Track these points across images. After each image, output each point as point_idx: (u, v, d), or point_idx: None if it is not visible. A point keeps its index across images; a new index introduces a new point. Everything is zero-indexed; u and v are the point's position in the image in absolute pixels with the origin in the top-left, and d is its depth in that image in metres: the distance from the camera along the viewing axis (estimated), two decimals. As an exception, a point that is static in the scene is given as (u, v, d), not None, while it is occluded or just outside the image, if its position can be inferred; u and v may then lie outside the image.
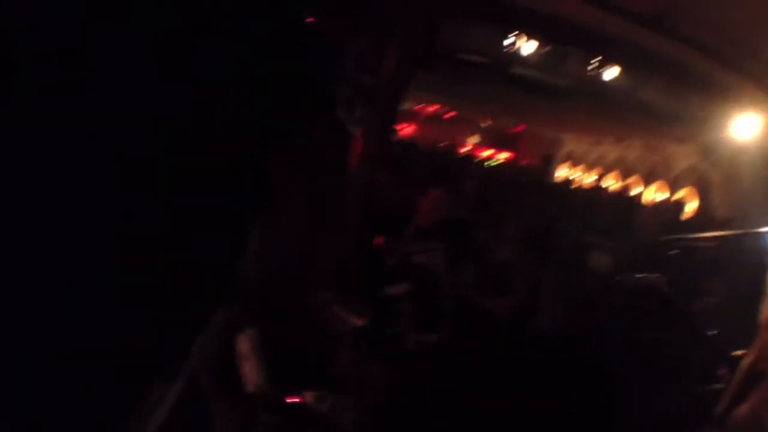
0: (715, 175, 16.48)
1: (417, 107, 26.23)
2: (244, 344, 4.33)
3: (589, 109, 15.56)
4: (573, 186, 20.09)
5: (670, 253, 7.78)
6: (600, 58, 9.55)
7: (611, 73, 9.95)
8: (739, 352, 6.24)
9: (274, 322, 5.09)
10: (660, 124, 14.49)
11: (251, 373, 4.31)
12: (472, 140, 30.35)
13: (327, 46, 5.79)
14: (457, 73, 13.25)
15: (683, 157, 18.31)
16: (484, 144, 30.39)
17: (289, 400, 4.67)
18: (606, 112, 15.10)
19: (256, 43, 4.92)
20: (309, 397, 4.70)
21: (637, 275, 7.58)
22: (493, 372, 6.98)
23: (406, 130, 28.47)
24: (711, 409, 4.58)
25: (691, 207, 17.37)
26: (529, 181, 14.00)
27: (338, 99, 5.90)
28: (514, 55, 9.73)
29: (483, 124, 28.39)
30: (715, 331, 6.76)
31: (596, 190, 16.72)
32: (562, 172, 25.91)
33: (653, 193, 19.85)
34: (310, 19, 5.89)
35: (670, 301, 7.51)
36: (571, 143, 26.04)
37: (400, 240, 7.15)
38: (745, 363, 4.29)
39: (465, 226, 8.18)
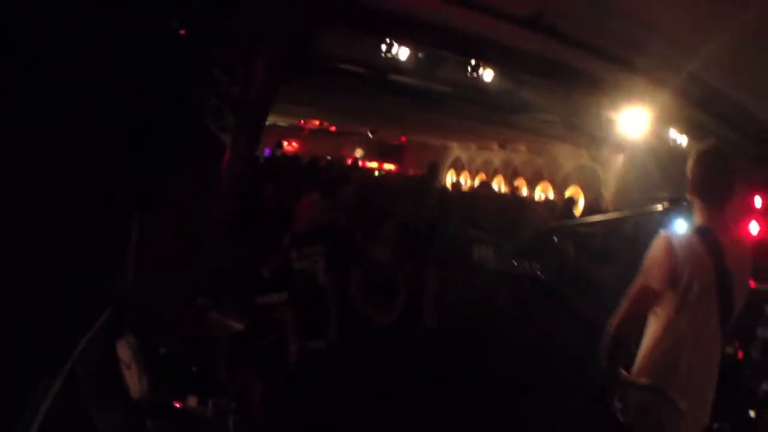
0: (603, 171, 16.96)
1: (301, 122, 26.22)
2: (124, 351, 4.32)
3: (472, 114, 15.78)
4: (458, 189, 20.29)
5: (551, 240, 7.98)
6: (476, 61, 9.62)
7: (489, 75, 9.95)
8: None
9: (154, 328, 5.14)
10: (545, 125, 14.79)
11: (133, 379, 4.31)
12: (358, 152, 30.53)
13: (195, 54, 5.86)
14: (338, 86, 13.31)
15: (570, 156, 18.75)
16: (369, 156, 30.60)
17: (173, 405, 4.67)
18: (489, 117, 15.26)
19: (124, 51, 4.86)
20: (192, 401, 4.72)
21: (514, 264, 7.76)
22: (380, 373, 7.02)
23: (291, 145, 28.57)
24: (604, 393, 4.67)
25: (579, 205, 17.79)
26: (412, 186, 14.14)
27: (207, 108, 5.94)
28: (391, 63, 9.68)
29: (369, 135, 28.60)
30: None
31: (482, 189, 16.84)
32: (448, 179, 26.11)
33: (540, 193, 20.28)
34: (181, 31, 5.97)
35: (546, 286, 7.73)
36: (457, 150, 26.23)
37: (278, 247, 7.11)
38: (609, 329, 4.40)
39: (344, 230, 8.28)
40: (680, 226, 4.49)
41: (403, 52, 9.15)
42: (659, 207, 5.08)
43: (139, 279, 5.14)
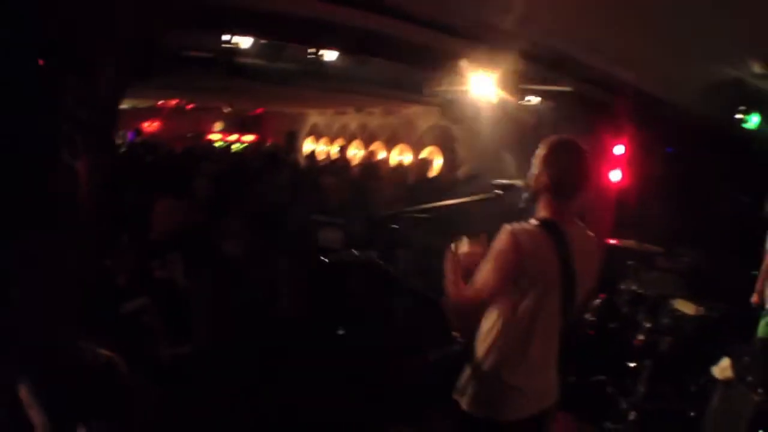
0: (457, 130, 17.15)
1: (158, 103, 26.00)
2: (23, 392, 4.38)
3: (322, 86, 15.81)
4: (312, 162, 20.31)
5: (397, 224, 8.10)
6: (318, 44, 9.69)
7: (331, 55, 10.04)
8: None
9: (39, 364, 5.17)
10: (398, 90, 14.88)
11: (37, 418, 4.37)
12: (216, 127, 30.35)
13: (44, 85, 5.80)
14: (189, 69, 13.22)
15: (424, 117, 18.83)
16: (228, 129, 30.45)
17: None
18: (340, 87, 15.14)
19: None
20: (82, 429, 4.73)
21: (353, 252, 7.89)
22: (250, 369, 7.20)
23: (150, 125, 28.27)
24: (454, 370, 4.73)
25: (435, 165, 18.06)
26: (264, 167, 14.20)
27: (61, 138, 5.88)
28: (235, 49, 9.75)
29: (225, 110, 28.37)
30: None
31: (331, 166, 16.92)
32: (307, 147, 26.13)
33: (397, 156, 20.38)
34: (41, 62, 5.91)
35: (387, 273, 7.87)
36: (314, 117, 26.12)
37: (131, 256, 7.07)
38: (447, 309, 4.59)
39: (200, 229, 8.18)
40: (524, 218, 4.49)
41: (244, 41, 9.18)
42: (497, 192, 5.14)
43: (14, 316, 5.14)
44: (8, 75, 5.23)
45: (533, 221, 4.35)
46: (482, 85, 10.92)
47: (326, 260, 8.06)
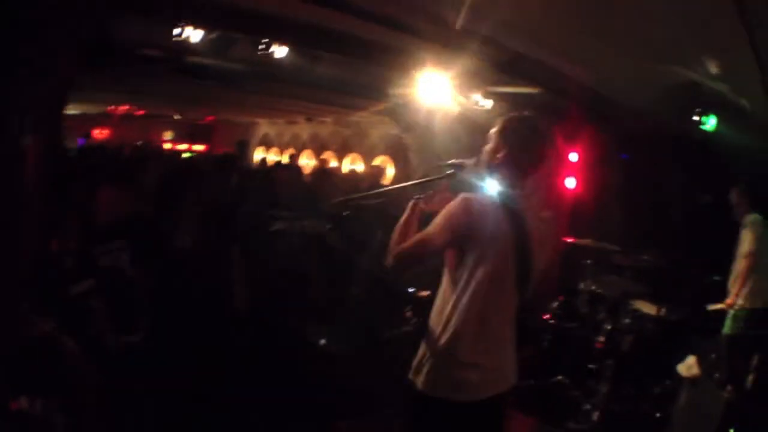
0: (409, 139, 17.06)
1: (108, 109, 25.76)
2: None
3: (273, 91, 15.69)
4: (262, 167, 20.32)
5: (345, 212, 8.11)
6: (267, 39, 9.57)
7: (281, 52, 9.91)
8: (423, 293, 6.42)
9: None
10: (349, 97, 14.81)
11: None
12: (166, 135, 30.31)
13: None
14: (139, 70, 13.08)
15: (376, 126, 18.90)
16: (178, 138, 30.43)
17: (9, 407, 4.60)
18: (290, 91, 15.21)
19: None
20: (24, 401, 4.63)
21: (303, 222, 7.82)
22: (197, 362, 7.07)
23: (100, 132, 28.17)
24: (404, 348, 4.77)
25: (387, 173, 18.02)
26: (213, 167, 14.17)
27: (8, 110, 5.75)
28: (185, 45, 9.54)
29: (175, 118, 28.34)
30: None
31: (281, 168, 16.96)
32: (257, 156, 26.08)
33: (349, 165, 20.36)
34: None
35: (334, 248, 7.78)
36: (265, 126, 26.17)
37: (76, 240, 6.93)
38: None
39: (146, 220, 8.02)
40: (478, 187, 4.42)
41: (195, 35, 9.03)
42: (448, 172, 5.01)
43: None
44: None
45: (490, 194, 4.32)
46: (433, 88, 10.80)
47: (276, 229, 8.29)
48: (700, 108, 8.85)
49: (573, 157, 10.47)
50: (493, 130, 4.49)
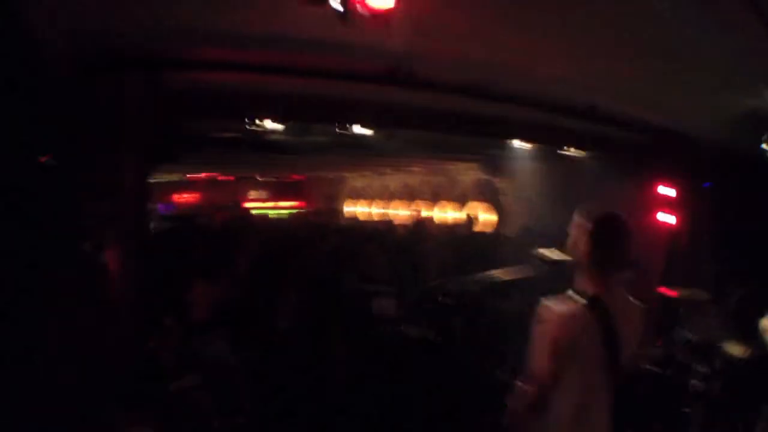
0: (500, 182, 17.51)
1: (189, 176, 26.57)
2: None
3: (357, 155, 16.23)
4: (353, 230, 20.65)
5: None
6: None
7: (359, 128, 10.35)
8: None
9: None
10: (436, 153, 15.39)
11: None
12: (254, 195, 30.70)
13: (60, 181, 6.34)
14: (217, 147, 13.65)
15: (466, 172, 19.31)
16: (266, 196, 30.80)
17: None
18: (375, 154, 15.82)
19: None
20: None
21: (408, 327, 8.13)
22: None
23: (183, 197, 28.79)
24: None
25: (482, 218, 18.55)
26: (305, 235, 14.39)
27: (83, 232, 6.44)
28: (262, 129, 10.18)
29: (261, 179, 28.79)
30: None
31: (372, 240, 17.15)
32: (348, 209, 26.68)
33: (443, 212, 20.80)
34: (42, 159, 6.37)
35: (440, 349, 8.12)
36: (353, 179, 26.56)
37: (175, 336, 7.51)
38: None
39: (243, 305, 8.52)
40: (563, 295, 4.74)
41: (269, 123, 9.70)
42: (543, 263, 5.49)
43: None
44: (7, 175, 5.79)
45: (575, 296, 4.68)
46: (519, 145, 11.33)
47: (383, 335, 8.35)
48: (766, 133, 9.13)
49: (663, 190, 10.77)
50: (579, 228, 4.79)
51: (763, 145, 9.20)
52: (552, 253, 5.32)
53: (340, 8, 4.68)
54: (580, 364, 4.59)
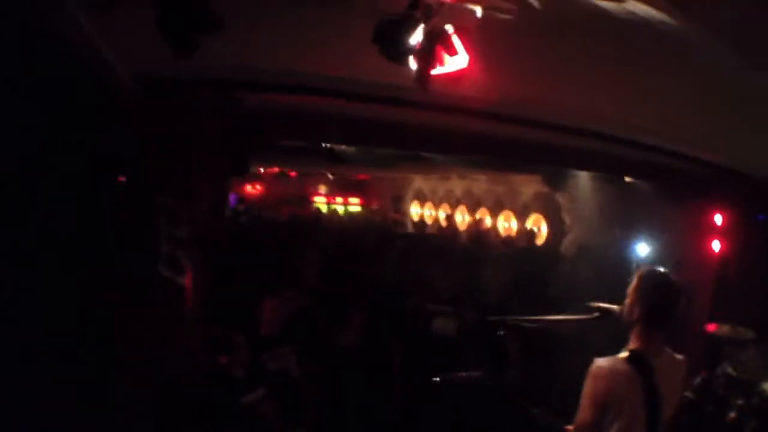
0: (561, 198, 17.64)
1: (259, 169, 26.85)
2: None
3: (423, 166, 16.60)
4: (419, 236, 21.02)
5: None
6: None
7: None
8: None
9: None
10: (499, 166, 15.64)
11: None
12: (321, 190, 30.95)
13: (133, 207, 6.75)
14: (288, 152, 14.03)
15: (528, 184, 19.37)
16: (333, 192, 31.06)
17: None
18: (441, 164, 16.03)
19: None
20: None
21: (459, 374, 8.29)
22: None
23: (255, 188, 29.14)
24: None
25: (541, 233, 18.76)
26: (370, 248, 14.72)
27: (160, 258, 6.71)
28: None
29: (330, 175, 28.95)
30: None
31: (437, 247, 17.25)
32: (413, 210, 27.01)
33: (503, 222, 20.92)
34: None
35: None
36: (419, 181, 26.70)
37: (245, 352, 7.71)
38: None
39: (309, 320, 8.86)
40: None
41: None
42: (594, 315, 5.84)
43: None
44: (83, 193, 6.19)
45: (623, 354, 4.98)
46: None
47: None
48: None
49: (717, 219, 10.86)
50: (631, 287, 5.09)
51: None
52: (609, 305, 5.63)
53: (415, 69, 5.03)
54: (621, 420, 4.84)
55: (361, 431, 8.28)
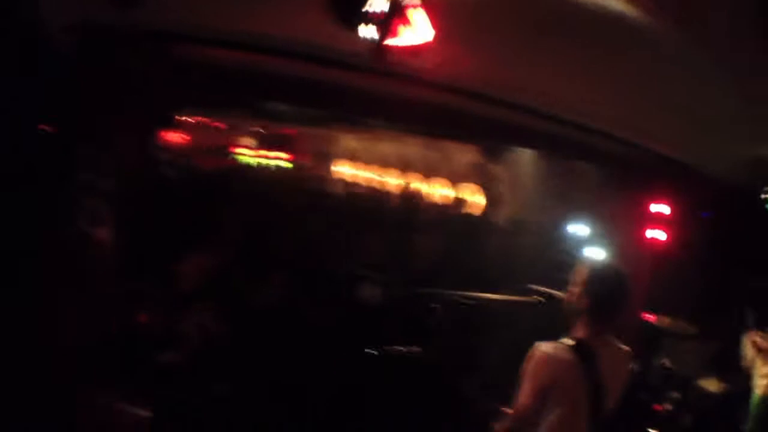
0: (498, 170, 17.52)
1: (180, 117, 26.21)
2: None
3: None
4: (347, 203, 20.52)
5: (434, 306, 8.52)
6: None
7: None
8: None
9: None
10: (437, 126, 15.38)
11: None
12: (245, 142, 30.71)
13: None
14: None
15: (463, 152, 19.25)
16: (257, 146, 30.82)
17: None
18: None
19: None
20: None
21: (396, 348, 8.21)
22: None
23: (175, 137, 28.81)
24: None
25: (476, 202, 18.63)
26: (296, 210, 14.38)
27: (81, 210, 6.66)
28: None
29: (253, 129, 28.70)
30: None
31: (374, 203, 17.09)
32: (342, 169, 26.78)
33: (436, 189, 20.86)
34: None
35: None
36: (349, 140, 26.34)
37: (161, 310, 7.75)
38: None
39: (229, 276, 8.72)
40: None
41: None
42: (536, 298, 5.78)
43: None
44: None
45: (567, 341, 5.07)
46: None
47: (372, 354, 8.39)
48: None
49: (659, 208, 10.90)
50: (579, 277, 5.21)
51: (764, 196, 9.67)
52: (551, 291, 5.58)
53: (374, 38, 4.80)
54: (562, 407, 4.92)
55: (276, 396, 8.14)
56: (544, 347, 5.02)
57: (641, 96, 7.60)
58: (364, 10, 4.59)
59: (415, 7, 4.76)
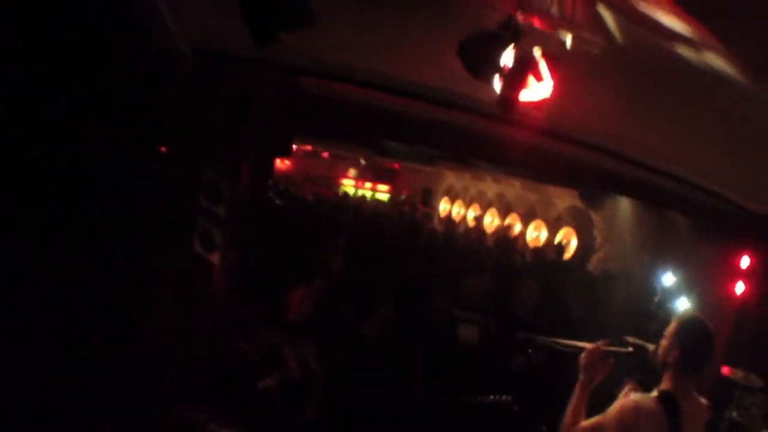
0: (595, 215, 17.53)
1: (293, 145, 26.32)
2: None
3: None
4: (448, 233, 20.72)
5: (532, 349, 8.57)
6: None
7: None
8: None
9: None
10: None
11: None
12: (351, 174, 30.92)
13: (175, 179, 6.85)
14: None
15: (562, 197, 19.28)
16: (362, 177, 30.99)
17: None
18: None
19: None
20: None
21: (488, 397, 8.19)
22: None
23: (284, 164, 29.14)
24: None
25: (571, 246, 18.56)
26: (401, 232, 14.54)
27: (194, 233, 6.94)
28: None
29: (361, 160, 28.90)
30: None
31: (471, 246, 17.10)
32: (442, 207, 26.88)
33: (533, 232, 20.82)
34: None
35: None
36: (451, 178, 26.72)
37: (266, 339, 7.72)
38: None
39: (332, 308, 8.83)
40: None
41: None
42: (629, 349, 5.95)
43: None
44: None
45: (654, 393, 5.23)
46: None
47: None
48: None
49: (744, 261, 10.79)
50: (668, 329, 5.34)
51: None
52: (640, 342, 5.74)
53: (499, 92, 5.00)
54: None
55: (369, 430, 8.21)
56: (633, 396, 5.20)
57: (734, 154, 7.65)
58: (496, 61, 4.77)
59: (540, 61, 4.94)
